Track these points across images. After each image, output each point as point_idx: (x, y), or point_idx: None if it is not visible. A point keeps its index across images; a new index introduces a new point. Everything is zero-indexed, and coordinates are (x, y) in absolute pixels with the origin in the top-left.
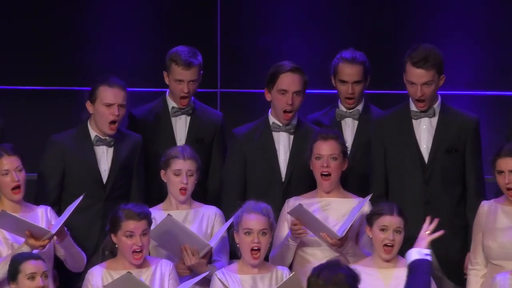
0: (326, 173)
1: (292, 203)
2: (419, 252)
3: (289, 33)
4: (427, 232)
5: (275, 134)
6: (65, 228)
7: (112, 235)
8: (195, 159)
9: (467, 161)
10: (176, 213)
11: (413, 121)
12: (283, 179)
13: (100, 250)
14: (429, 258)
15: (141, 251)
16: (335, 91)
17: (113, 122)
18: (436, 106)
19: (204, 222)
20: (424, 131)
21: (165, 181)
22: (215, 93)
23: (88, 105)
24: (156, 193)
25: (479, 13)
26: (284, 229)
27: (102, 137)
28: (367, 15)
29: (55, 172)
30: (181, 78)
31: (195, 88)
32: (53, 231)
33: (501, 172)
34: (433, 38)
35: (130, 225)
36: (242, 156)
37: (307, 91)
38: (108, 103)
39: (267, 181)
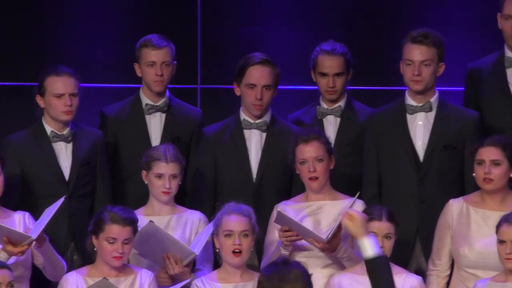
0: (314, 177)
1: (281, 208)
2: (374, 246)
3: (273, 25)
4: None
5: (246, 132)
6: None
7: (93, 237)
8: (179, 161)
9: (467, 160)
10: (158, 218)
11: (408, 116)
12: (254, 179)
13: (68, 253)
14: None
15: (121, 258)
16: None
17: (67, 113)
18: (433, 100)
19: (187, 228)
20: (420, 127)
21: (146, 182)
22: (195, 89)
23: (39, 99)
24: (132, 195)
25: (476, 5)
26: (275, 235)
27: (59, 133)
28: (355, 6)
29: (13, 174)
30: (153, 60)
31: (169, 74)
32: (34, 236)
33: (481, 162)
34: None
35: (113, 229)
36: (212, 156)
37: (292, 86)
38: (58, 93)
39: (238, 181)
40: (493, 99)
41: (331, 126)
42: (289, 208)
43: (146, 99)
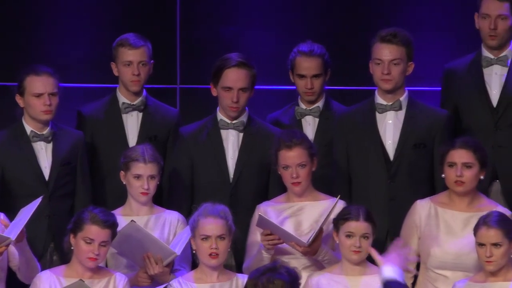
0: (297, 182)
1: (262, 209)
2: (397, 273)
3: (252, 25)
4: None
5: (223, 132)
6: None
7: (71, 236)
8: (157, 161)
9: (436, 158)
10: (137, 219)
11: (378, 115)
12: (231, 180)
13: (47, 254)
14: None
15: (95, 260)
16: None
17: (46, 112)
18: (403, 99)
19: (166, 228)
20: (390, 126)
21: (124, 183)
22: (174, 89)
23: (18, 98)
24: (108, 194)
25: (451, 5)
26: (257, 237)
27: (39, 132)
28: (332, 6)
29: None
30: (130, 59)
31: (145, 74)
32: (13, 237)
33: (452, 164)
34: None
35: (92, 230)
36: (189, 156)
37: (271, 86)
38: (37, 93)
39: (215, 181)
40: (470, 99)
41: (309, 127)
42: (270, 209)
43: (123, 98)
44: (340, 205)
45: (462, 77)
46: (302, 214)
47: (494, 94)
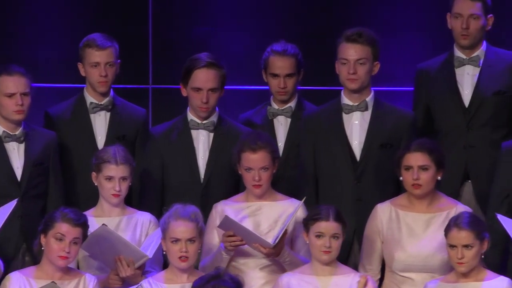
0: (258, 184)
1: (220, 207)
2: None
3: (225, 25)
4: None
5: (193, 132)
6: None
7: (42, 236)
8: (129, 163)
9: None
10: (109, 220)
11: (344, 115)
12: (201, 180)
13: (19, 254)
14: None
15: (66, 258)
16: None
17: (18, 112)
18: (369, 99)
19: (138, 229)
20: (356, 126)
21: (96, 184)
22: (147, 89)
23: None
24: (77, 194)
25: (423, 6)
26: (213, 236)
27: (11, 133)
28: (306, 6)
29: None
30: (97, 60)
31: (113, 74)
32: None
33: (409, 167)
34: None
35: (63, 227)
36: (159, 156)
37: (244, 86)
38: (9, 93)
39: (186, 182)
40: (442, 99)
41: (281, 127)
42: (228, 208)
43: (90, 98)
44: (301, 208)
45: (435, 77)
46: (260, 214)
47: (466, 94)
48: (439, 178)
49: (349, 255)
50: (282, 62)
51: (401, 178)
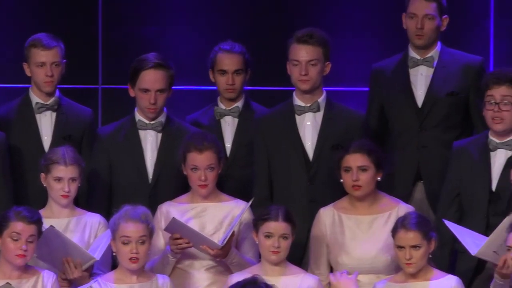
0: (204, 184)
1: (165, 209)
2: None
3: (174, 25)
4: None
5: (141, 133)
6: None
7: None
8: (78, 164)
9: None
10: (57, 221)
11: (297, 117)
12: (150, 181)
13: None
14: None
15: (24, 256)
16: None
17: None
18: (321, 100)
19: (87, 231)
20: (309, 127)
21: (45, 185)
22: (96, 89)
23: None
24: (24, 194)
25: (373, 6)
26: (159, 237)
27: None
28: (255, 6)
29: None
30: (42, 60)
31: (58, 74)
32: None
33: (348, 169)
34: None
35: (18, 226)
36: (106, 157)
37: (193, 87)
38: None
39: (134, 183)
40: (396, 99)
41: (229, 127)
42: (173, 209)
43: (36, 98)
44: (246, 212)
45: (389, 77)
46: (205, 215)
47: (420, 95)
48: (379, 178)
49: (303, 256)
50: (230, 59)
51: (341, 180)
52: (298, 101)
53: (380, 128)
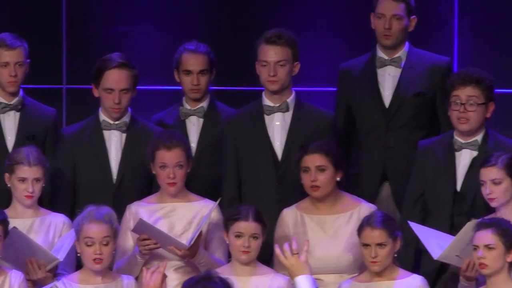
0: (173, 182)
1: (134, 209)
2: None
3: (139, 25)
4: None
5: (106, 133)
6: None
7: None
8: (42, 164)
9: None
10: (21, 221)
11: (266, 117)
12: (114, 181)
13: None
14: None
15: None
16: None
17: None
18: (290, 100)
19: (51, 231)
20: (278, 127)
21: (9, 185)
22: (60, 89)
23: None
24: None
25: (340, 6)
26: (127, 238)
27: None
28: (220, 7)
29: None
30: (6, 60)
31: (22, 74)
32: None
33: (307, 169)
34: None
35: None
36: (70, 157)
37: (158, 87)
38: None
39: (98, 183)
40: (363, 99)
41: (194, 127)
42: (142, 209)
43: None
44: (214, 212)
45: (357, 77)
46: (174, 215)
47: (387, 95)
48: (338, 179)
49: (271, 256)
50: (195, 59)
51: (302, 181)
52: (267, 101)
53: (347, 127)
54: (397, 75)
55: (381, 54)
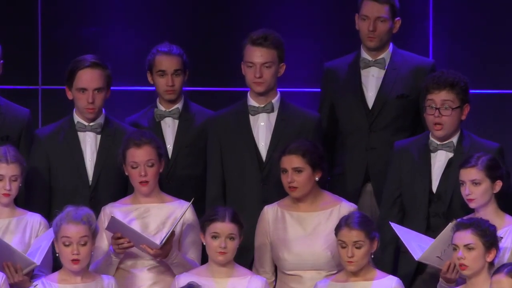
0: (145, 181)
1: (108, 210)
2: None
3: (114, 26)
4: None
5: (80, 134)
6: None
7: None
8: (20, 162)
9: None
10: None
11: (251, 117)
12: (90, 182)
13: None
14: None
15: None
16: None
17: None
18: (275, 101)
19: (27, 231)
20: (263, 128)
21: None
22: (36, 90)
23: None
24: None
25: (318, 6)
26: (102, 239)
27: None
28: (195, 7)
29: None
30: None
31: None
32: None
33: (284, 170)
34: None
35: None
36: (45, 159)
37: (136, 87)
38: None
39: (74, 185)
40: (347, 100)
41: (169, 129)
42: (116, 211)
43: None
44: (189, 212)
45: (341, 78)
46: (148, 216)
47: (370, 96)
48: (317, 178)
49: (252, 257)
50: (169, 60)
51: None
52: (252, 102)
53: (330, 127)
54: (381, 76)
55: (365, 55)
